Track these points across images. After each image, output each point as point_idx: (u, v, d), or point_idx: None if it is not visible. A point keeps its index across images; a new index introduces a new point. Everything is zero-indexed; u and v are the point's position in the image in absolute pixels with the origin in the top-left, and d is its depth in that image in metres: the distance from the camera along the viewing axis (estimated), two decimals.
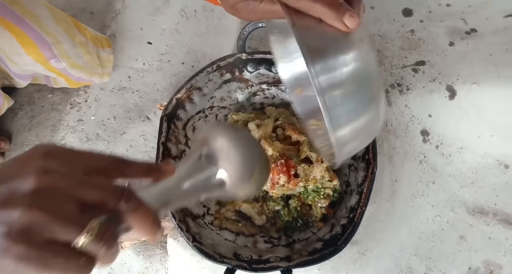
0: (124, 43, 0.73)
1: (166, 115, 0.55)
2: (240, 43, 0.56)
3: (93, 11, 0.79)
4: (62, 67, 0.59)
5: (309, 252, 0.49)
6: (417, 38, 0.69)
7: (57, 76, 0.65)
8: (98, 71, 0.69)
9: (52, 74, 0.64)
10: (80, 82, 0.70)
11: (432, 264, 0.63)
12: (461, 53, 0.66)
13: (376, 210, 0.60)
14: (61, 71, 0.61)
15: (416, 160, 0.66)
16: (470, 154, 0.66)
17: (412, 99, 0.65)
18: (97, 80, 0.71)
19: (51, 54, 0.56)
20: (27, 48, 0.54)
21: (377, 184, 0.51)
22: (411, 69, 0.67)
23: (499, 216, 0.65)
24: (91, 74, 0.67)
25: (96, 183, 0.25)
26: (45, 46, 0.55)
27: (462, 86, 0.64)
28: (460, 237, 0.64)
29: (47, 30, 0.54)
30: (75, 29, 0.61)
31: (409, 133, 0.66)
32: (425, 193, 0.65)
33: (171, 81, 0.74)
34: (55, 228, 0.23)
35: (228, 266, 0.47)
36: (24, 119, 0.73)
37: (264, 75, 0.60)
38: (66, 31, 0.58)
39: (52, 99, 0.74)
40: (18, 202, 0.23)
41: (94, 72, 0.68)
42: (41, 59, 0.57)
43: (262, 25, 0.55)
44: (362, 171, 0.52)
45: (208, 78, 0.58)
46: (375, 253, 0.60)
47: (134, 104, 0.73)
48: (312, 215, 0.54)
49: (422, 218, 0.65)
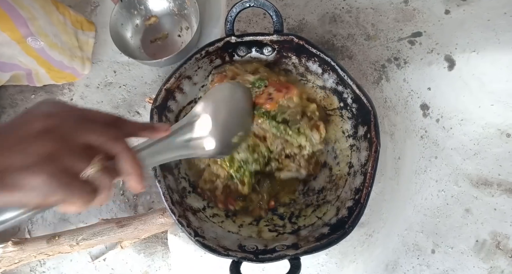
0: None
1: (156, 107, 0.52)
2: (228, 26, 0.53)
3: (71, 5, 0.76)
4: (40, 47, 0.57)
5: (316, 238, 0.47)
6: (411, 8, 0.66)
7: (38, 66, 0.62)
8: (77, 54, 0.66)
9: (32, 63, 0.61)
10: (62, 71, 0.66)
11: (439, 240, 0.62)
12: (458, 21, 0.64)
13: (381, 190, 0.58)
14: (40, 53, 0.59)
15: (417, 135, 0.64)
16: (471, 125, 0.65)
17: (410, 73, 0.63)
18: (79, 68, 0.68)
19: (28, 31, 0.54)
20: (1, 23, 0.51)
21: (381, 163, 0.49)
22: (407, 41, 0.65)
23: (503, 186, 0.64)
24: (71, 58, 0.65)
25: (96, 128, 0.30)
26: (20, 21, 0.52)
27: (461, 55, 0.62)
28: (465, 210, 0.63)
29: (21, 3, 0.52)
30: (52, 7, 0.59)
31: (409, 108, 0.64)
32: (428, 168, 0.64)
33: (158, 73, 0.71)
34: (67, 159, 0.28)
35: (233, 258, 0.45)
36: None
37: (255, 59, 0.57)
38: (42, 7, 0.55)
39: (36, 100, 0.71)
40: (35, 139, 0.28)
41: (74, 56, 0.65)
42: (17, 37, 0.54)
43: (250, 5, 0.52)
44: (365, 150, 0.50)
45: (197, 66, 0.55)
46: (382, 233, 0.59)
47: (122, 99, 0.70)
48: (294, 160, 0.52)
49: (427, 194, 0.64)
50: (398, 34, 0.65)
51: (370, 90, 0.62)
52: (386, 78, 0.64)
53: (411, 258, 0.61)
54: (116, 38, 0.67)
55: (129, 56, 0.65)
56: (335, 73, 0.53)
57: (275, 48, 0.55)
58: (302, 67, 0.56)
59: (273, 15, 0.52)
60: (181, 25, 0.73)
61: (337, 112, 0.56)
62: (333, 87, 0.55)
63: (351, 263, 0.56)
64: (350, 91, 0.52)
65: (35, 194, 0.27)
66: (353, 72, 0.63)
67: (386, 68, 0.64)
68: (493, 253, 0.61)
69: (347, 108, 0.54)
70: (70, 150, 0.28)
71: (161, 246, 0.64)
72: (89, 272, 0.66)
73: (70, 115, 0.30)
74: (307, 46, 0.52)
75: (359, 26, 0.67)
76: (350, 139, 0.54)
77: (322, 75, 0.55)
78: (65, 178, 0.28)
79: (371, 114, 0.49)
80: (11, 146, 0.28)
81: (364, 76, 0.64)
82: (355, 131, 0.53)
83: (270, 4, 0.52)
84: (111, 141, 0.30)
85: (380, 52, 0.65)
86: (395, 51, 0.64)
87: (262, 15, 0.69)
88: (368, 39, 0.66)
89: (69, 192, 0.28)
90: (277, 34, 0.53)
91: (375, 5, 0.68)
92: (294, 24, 0.68)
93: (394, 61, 0.64)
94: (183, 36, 0.72)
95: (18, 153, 0.27)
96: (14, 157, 0.27)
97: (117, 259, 0.65)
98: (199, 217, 0.52)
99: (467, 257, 0.61)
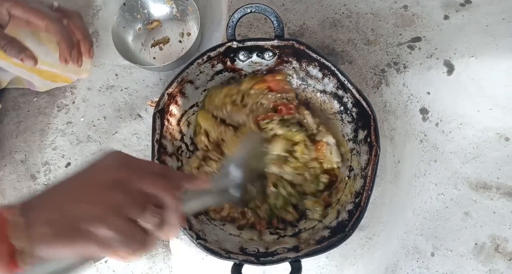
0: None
1: (159, 111, 0.53)
2: (229, 31, 0.54)
3: (72, 8, 0.76)
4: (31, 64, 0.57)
5: (316, 240, 0.48)
6: (410, 14, 0.67)
7: (28, 73, 0.62)
8: (71, 68, 0.66)
9: (25, 75, 0.61)
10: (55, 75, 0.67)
11: (439, 243, 0.62)
12: (457, 27, 0.64)
13: (380, 193, 0.59)
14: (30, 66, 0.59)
15: (416, 139, 0.65)
16: (470, 129, 0.65)
17: (410, 77, 0.64)
18: (74, 77, 0.69)
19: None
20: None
21: (380, 167, 0.50)
22: (406, 46, 0.65)
23: (502, 189, 0.64)
24: (65, 71, 0.65)
25: (152, 177, 0.33)
26: None
27: (460, 60, 0.62)
28: (464, 213, 0.64)
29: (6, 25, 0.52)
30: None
31: (408, 112, 0.64)
32: (427, 172, 0.65)
33: (160, 77, 0.71)
34: (131, 211, 0.30)
35: (235, 261, 0.46)
36: (10, 126, 0.71)
37: (257, 63, 0.58)
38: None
39: (38, 103, 0.72)
40: (108, 189, 0.30)
41: (68, 70, 0.65)
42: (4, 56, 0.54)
43: (251, 10, 0.53)
44: (365, 154, 0.51)
45: (199, 70, 0.56)
46: (382, 237, 0.60)
47: (124, 102, 0.71)
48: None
49: (426, 198, 0.64)
50: (397, 39, 0.66)
51: (370, 95, 0.63)
52: (385, 83, 0.64)
53: (410, 261, 0.62)
54: (117, 41, 0.67)
55: (130, 60, 0.66)
56: (335, 78, 0.53)
57: (276, 53, 0.56)
58: (303, 72, 0.57)
59: (274, 21, 0.53)
60: (182, 31, 0.73)
61: (337, 116, 0.57)
62: (333, 92, 0.56)
63: (351, 266, 0.57)
64: (350, 96, 0.53)
65: (96, 245, 0.28)
66: (353, 77, 0.64)
67: (385, 72, 0.65)
68: (492, 256, 0.61)
69: (347, 112, 0.55)
70: (133, 202, 0.30)
71: (162, 248, 0.64)
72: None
73: (135, 168, 0.32)
74: (307, 51, 0.52)
75: (359, 31, 0.67)
76: (350, 142, 0.55)
77: (322, 79, 0.56)
78: (128, 230, 0.29)
79: (371, 118, 0.49)
80: (85, 195, 0.29)
81: (364, 81, 0.64)
82: (355, 135, 0.54)
83: (271, 10, 0.52)
84: (164, 190, 0.32)
85: (380, 57, 0.65)
86: (394, 56, 0.65)
87: (263, 20, 0.69)
88: (368, 44, 0.66)
89: (126, 244, 0.29)
90: (278, 39, 0.53)
91: (375, 11, 0.68)
92: (294, 29, 0.69)
93: (393, 66, 0.65)
94: (184, 42, 0.73)
95: (91, 203, 0.29)
96: (86, 207, 0.29)
97: (119, 261, 0.66)
98: (200, 220, 0.52)
99: (466, 260, 0.61)
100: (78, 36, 0.58)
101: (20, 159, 0.68)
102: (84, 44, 0.60)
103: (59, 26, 0.52)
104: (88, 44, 0.60)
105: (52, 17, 0.51)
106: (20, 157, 0.69)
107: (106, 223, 0.28)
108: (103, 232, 0.28)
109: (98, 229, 0.28)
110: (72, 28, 0.57)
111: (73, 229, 0.28)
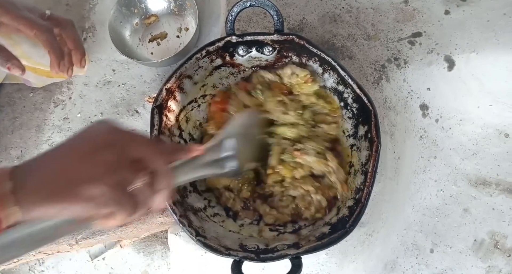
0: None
1: (157, 107, 0.52)
2: (228, 25, 0.53)
3: (69, 3, 0.75)
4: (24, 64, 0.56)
5: (317, 237, 0.48)
6: (411, 8, 0.66)
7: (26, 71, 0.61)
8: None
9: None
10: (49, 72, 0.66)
11: (438, 239, 0.62)
12: (457, 22, 0.64)
13: (380, 190, 0.59)
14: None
15: (416, 135, 0.65)
16: (470, 125, 0.65)
17: (410, 73, 0.63)
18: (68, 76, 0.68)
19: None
20: None
21: (380, 163, 0.50)
22: (407, 41, 0.65)
23: (502, 186, 0.64)
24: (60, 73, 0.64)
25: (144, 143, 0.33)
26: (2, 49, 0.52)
27: (461, 55, 0.62)
28: (464, 210, 0.64)
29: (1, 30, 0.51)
30: None
31: (409, 108, 0.64)
32: (427, 168, 0.65)
33: (158, 72, 0.71)
34: (123, 172, 0.30)
35: (235, 258, 0.45)
36: (5, 122, 0.70)
37: (256, 58, 0.57)
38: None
39: (34, 98, 0.71)
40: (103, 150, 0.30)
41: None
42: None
43: (251, 4, 0.52)
44: (365, 150, 0.50)
45: (197, 65, 0.55)
46: (382, 233, 0.59)
47: (121, 98, 0.70)
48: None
49: (426, 194, 0.64)
50: (398, 34, 0.65)
51: (370, 90, 0.63)
52: (386, 78, 0.64)
53: (410, 258, 0.62)
54: (114, 36, 0.66)
55: (127, 55, 0.65)
56: (335, 73, 0.53)
57: (276, 48, 0.55)
58: (303, 67, 0.56)
59: (274, 15, 0.52)
60: (180, 26, 0.72)
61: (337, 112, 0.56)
62: (334, 87, 0.55)
63: (351, 263, 0.57)
64: (350, 91, 0.52)
65: (92, 205, 0.29)
66: (353, 72, 0.63)
67: (386, 68, 0.64)
68: (491, 253, 0.61)
69: (347, 108, 0.54)
70: (126, 163, 0.31)
71: (161, 245, 0.64)
72: (88, 271, 0.66)
73: (126, 133, 0.33)
74: (307, 46, 0.52)
75: (359, 26, 0.67)
76: (351, 138, 0.54)
77: (322, 75, 0.55)
78: (120, 190, 0.30)
79: (372, 113, 0.49)
80: (81, 157, 0.30)
81: (364, 76, 0.64)
82: (356, 131, 0.54)
83: (271, 4, 0.52)
84: (154, 156, 0.33)
85: (380, 52, 0.65)
86: (395, 51, 0.65)
87: (263, 15, 0.69)
88: (368, 39, 0.66)
89: (119, 204, 0.30)
90: (277, 33, 0.53)
91: (375, 5, 0.68)
92: (294, 24, 0.68)
93: (394, 61, 0.64)
94: (182, 37, 0.72)
95: (87, 163, 0.29)
96: (83, 168, 0.29)
97: (116, 258, 0.65)
98: (200, 217, 0.52)
99: (465, 257, 0.61)
100: (69, 46, 0.57)
101: (16, 155, 0.68)
102: (75, 54, 0.58)
103: (49, 36, 0.51)
104: (79, 54, 0.58)
105: (41, 27, 0.50)
106: (16, 153, 0.68)
107: (101, 181, 0.29)
108: (97, 190, 0.28)
109: (93, 187, 0.28)
110: (64, 37, 0.56)
111: (67, 189, 0.28)
